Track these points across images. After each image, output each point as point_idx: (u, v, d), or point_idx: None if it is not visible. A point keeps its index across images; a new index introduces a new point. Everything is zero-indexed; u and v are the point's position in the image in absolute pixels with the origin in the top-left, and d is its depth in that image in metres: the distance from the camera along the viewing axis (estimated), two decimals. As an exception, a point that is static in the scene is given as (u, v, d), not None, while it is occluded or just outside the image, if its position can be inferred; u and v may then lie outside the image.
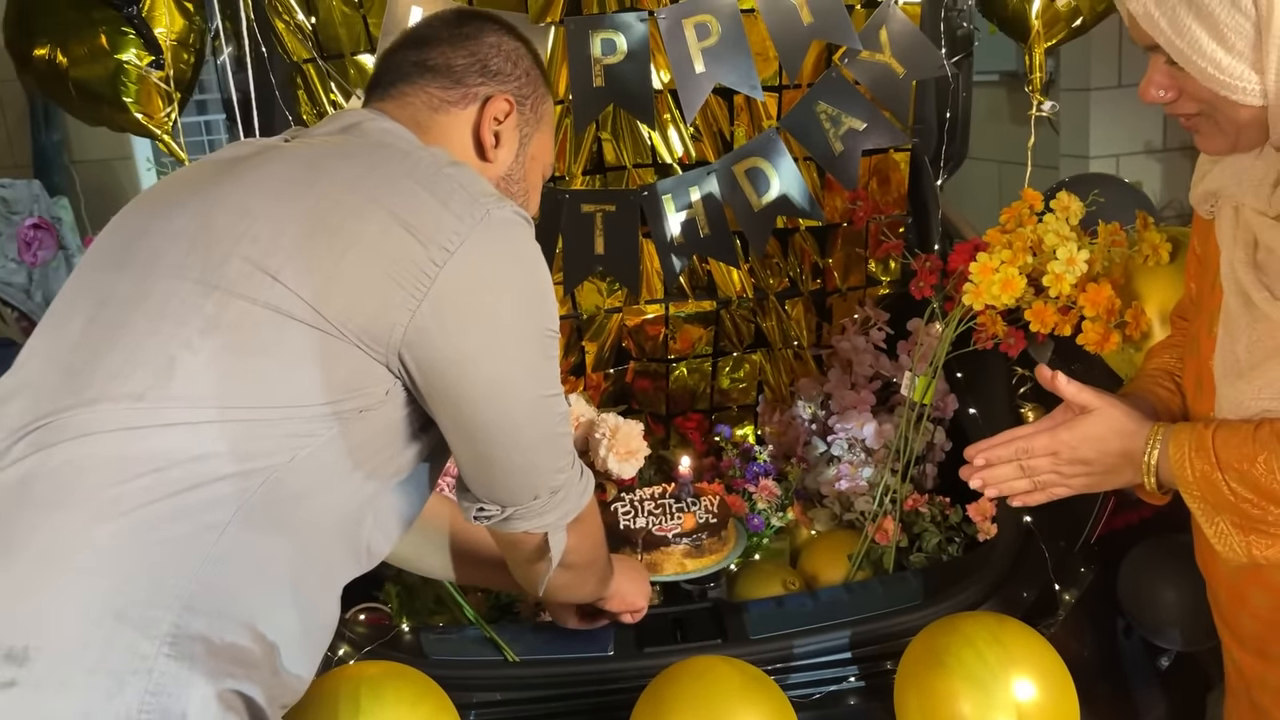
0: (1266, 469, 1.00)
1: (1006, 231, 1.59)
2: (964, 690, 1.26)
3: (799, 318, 2.08)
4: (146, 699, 0.82)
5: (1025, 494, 1.23)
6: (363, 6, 1.77)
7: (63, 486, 0.85)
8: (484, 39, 1.14)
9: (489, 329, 0.97)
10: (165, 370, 0.89)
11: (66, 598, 0.83)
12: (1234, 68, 0.96)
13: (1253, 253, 1.06)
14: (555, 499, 1.10)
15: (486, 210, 0.96)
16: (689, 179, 1.86)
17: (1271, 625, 1.13)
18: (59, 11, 1.76)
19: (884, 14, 1.78)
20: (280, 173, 0.98)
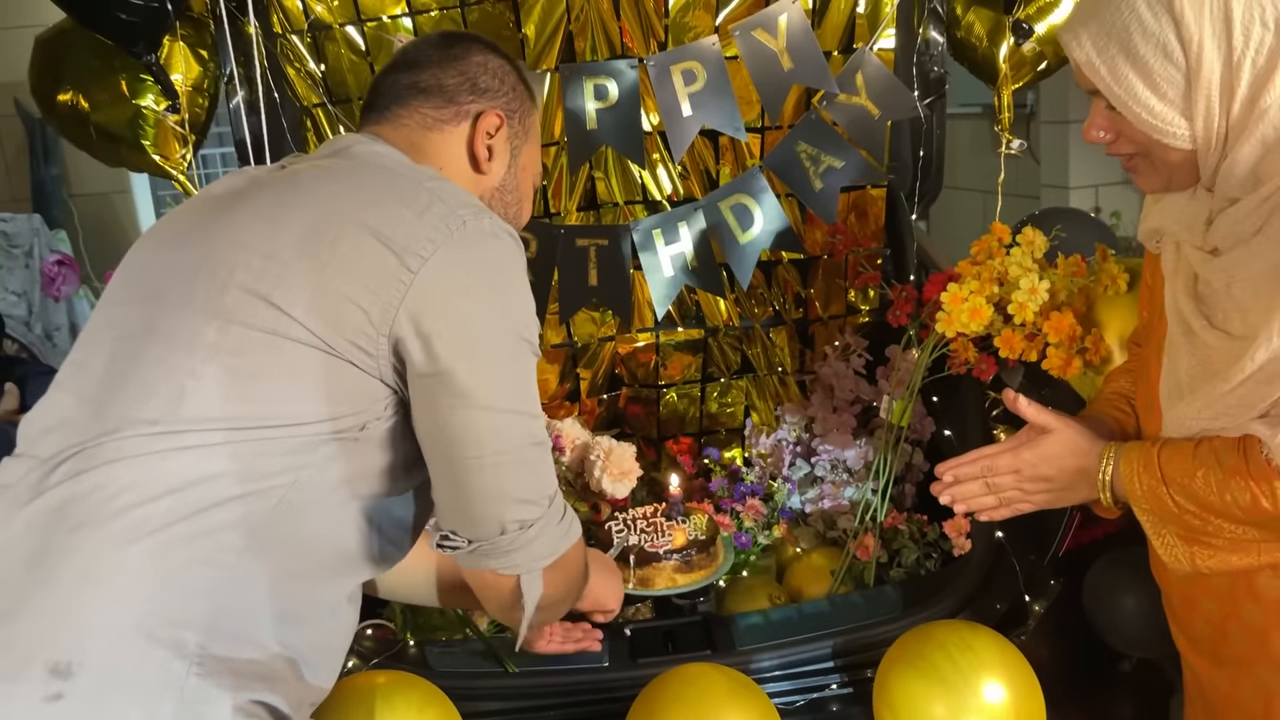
0: (1205, 483, 1.08)
1: (977, 263, 1.69)
2: (937, 693, 1.33)
3: (783, 345, 2.15)
4: (180, 713, 0.86)
5: (991, 509, 1.31)
6: (369, 54, 1.86)
7: (95, 509, 0.90)
8: (471, 58, 1.16)
9: (462, 335, 0.96)
10: (176, 397, 0.92)
11: (104, 616, 0.87)
12: (1166, 114, 1.04)
13: (1193, 285, 1.13)
14: (524, 536, 1.02)
15: (463, 220, 0.98)
16: (677, 215, 1.93)
17: (1221, 630, 1.19)
18: (83, 59, 1.86)
19: (859, 59, 1.88)
20: (269, 199, 1.01)
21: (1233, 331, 1.06)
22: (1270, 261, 1.02)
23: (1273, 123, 1.00)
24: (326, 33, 1.85)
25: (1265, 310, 1.01)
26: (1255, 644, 1.15)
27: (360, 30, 1.85)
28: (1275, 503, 1.03)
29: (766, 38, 1.80)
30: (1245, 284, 1.05)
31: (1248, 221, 1.04)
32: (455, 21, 1.85)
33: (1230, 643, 1.18)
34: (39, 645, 0.85)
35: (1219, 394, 1.06)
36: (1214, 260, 1.09)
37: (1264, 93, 1.00)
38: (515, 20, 1.85)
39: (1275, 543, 1.09)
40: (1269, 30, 0.98)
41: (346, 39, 1.86)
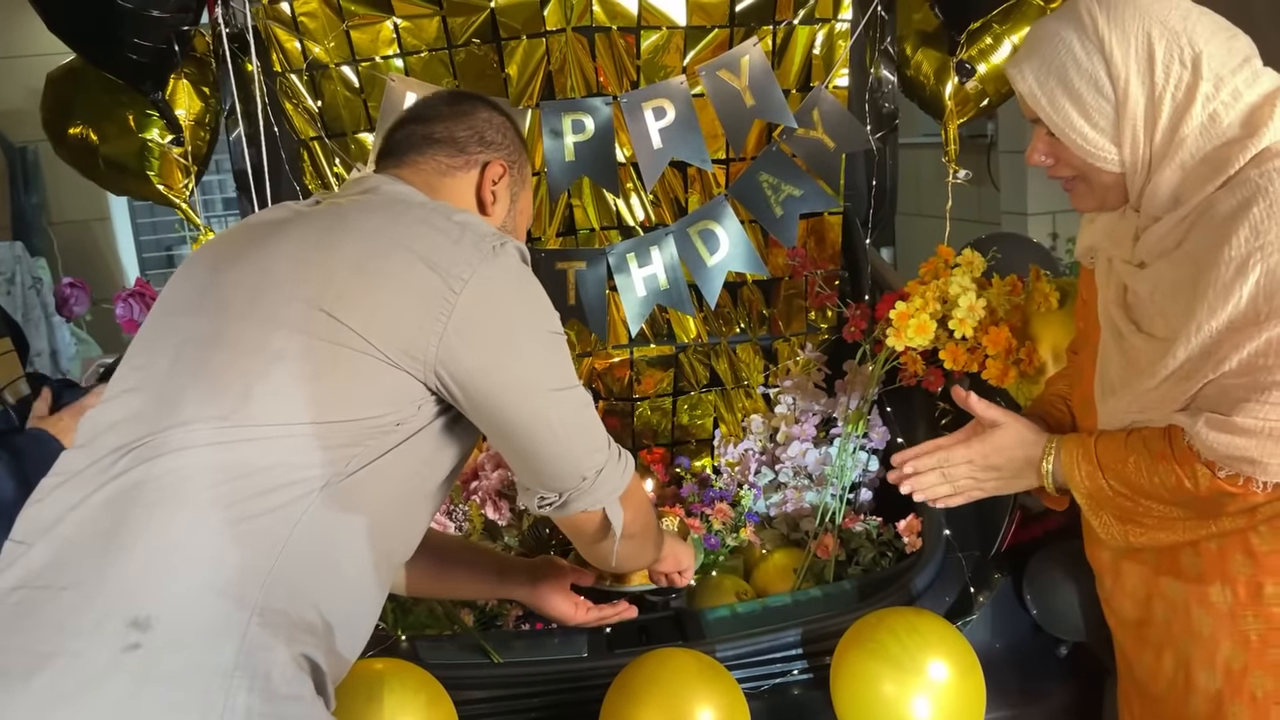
0: (1136, 468, 1.19)
1: (924, 283, 1.84)
2: (887, 672, 1.44)
3: (749, 360, 2.26)
4: (241, 658, 0.97)
5: (947, 497, 1.40)
6: (363, 91, 1.98)
7: (169, 489, 1.01)
8: (479, 114, 1.31)
9: (505, 339, 1.12)
10: (243, 396, 1.04)
11: (178, 577, 0.98)
12: (1098, 140, 1.14)
13: (1122, 295, 1.24)
14: (601, 477, 1.20)
15: (492, 246, 1.12)
16: (650, 239, 2.05)
17: (1146, 607, 1.29)
18: (93, 95, 1.97)
19: (816, 96, 2.01)
20: (319, 227, 1.14)
21: (1156, 334, 1.17)
22: (1188, 272, 1.12)
23: (1190, 150, 1.12)
24: (323, 72, 1.97)
25: (1184, 315, 1.11)
26: (1177, 618, 1.25)
27: (355, 69, 1.97)
28: (1196, 484, 1.13)
29: (730, 77, 1.94)
30: (1167, 292, 1.15)
31: (1169, 237, 1.15)
32: (444, 63, 1.98)
33: (1154, 618, 1.28)
34: (120, 603, 0.96)
35: (1145, 390, 1.17)
36: (1140, 272, 1.20)
37: (1183, 123, 1.11)
38: (499, 61, 1.98)
39: (1197, 521, 1.19)
40: (1186, 68, 1.10)
41: (342, 78, 1.98)
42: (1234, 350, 1.08)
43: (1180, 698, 1.27)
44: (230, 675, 0.97)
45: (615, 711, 1.44)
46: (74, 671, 0.94)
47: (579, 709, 1.55)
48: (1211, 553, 1.21)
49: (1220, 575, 1.20)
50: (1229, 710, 1.21)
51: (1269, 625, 1.19)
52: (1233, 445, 1.09)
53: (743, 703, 1.47)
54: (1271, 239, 1.05)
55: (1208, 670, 1.23)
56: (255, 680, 0.98)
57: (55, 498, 1.05)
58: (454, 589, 1.66)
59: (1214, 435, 1.10)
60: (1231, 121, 1.11)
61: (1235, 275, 1.07)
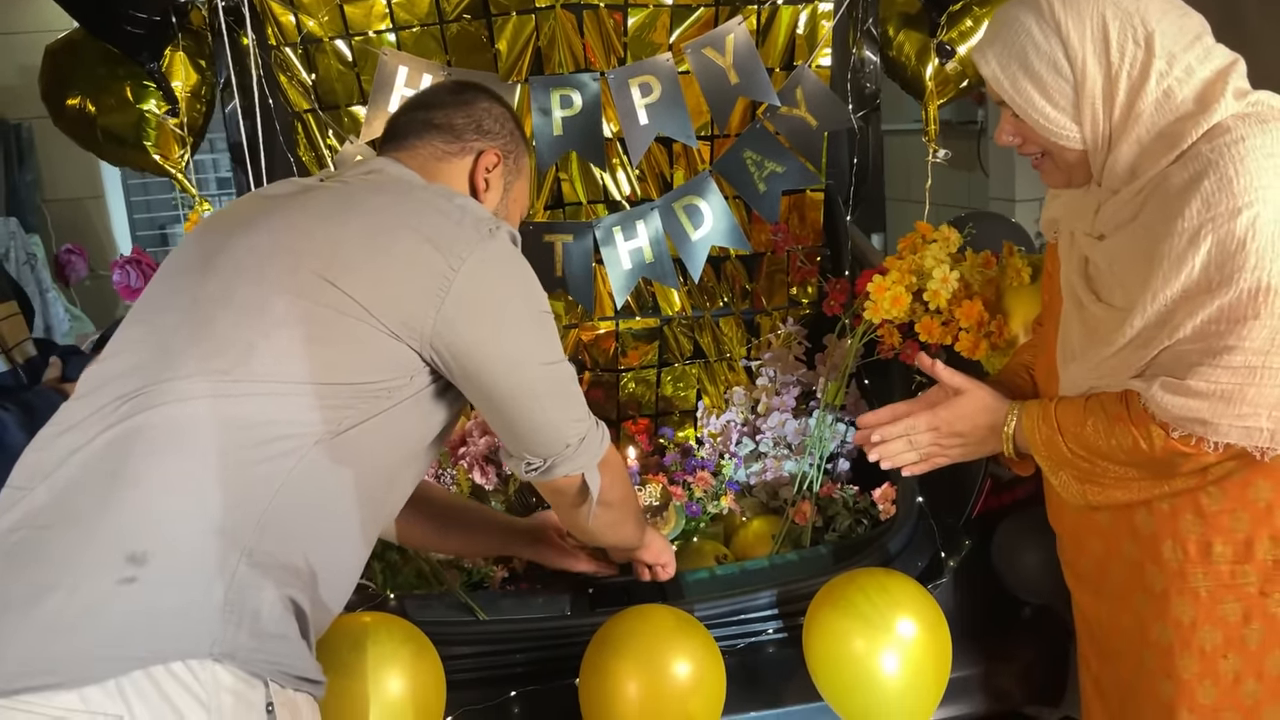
0: (1094, 430, 1.23)
1: (901, 258, 1.88)
2: (857, 629, 1.49)
3: (731, 334, 2.30)
4: (231, 595, 1.03)
5: (912, 465, 1.44)
6: (356, 65, 2.01)
7: (171, 435, 1.06)
8: (478, 104, 1.37)
9: (499, 316, 1.19)
10: (246, 353, 1.09)
11: (177, 516, 1.03)
12: (1059, 120, 1.18)
13: (1084, 266, 1.28)
14: (583, 445, 1.29)
15: (489, 229, 1.19)
16: (635, 214, 2.09)
17: (1104, 566, 1.33)
18: (91, 68, 1.99)
19: (799, 75, 2.05)
20: (328, 202, 1.21)
21: (1115, 304, 1.21)
22: (1144, 244, 1.15)
23: (1146, 125, 1.15)
24: (317, 46, 2.01)
25: (1140, 285, 1.14)
26: (1132, 576, 1.29)
27: (348, 44, 2.01)
28: (1151, 444, 1.17)
29: (715, 55, 1.98)
30: (1124, 263, 1.19)
31: (1126, 209, 1.18)
32: (436, 38, 2.01)
33: (1111, 577, 1.33)
34: (120, 538, 1.01)
35: (1104, 357, 1.21)
36: (1100, 244, 1.23)
37: (1139, 99, 1.15)
38: (489, 37, 2.01)
39: (1151, 480, 1.23)
40: (1140, 47, 1.14)
41: (335, 51, 2.02)
42: (1187, 318, 1.12)
43: (1135, 652, 1.31)
44: (221, 610, 1.02)
45: (595, 664, 1.50)
46: (73, 603, 0.98)
47: (561, 664, 1.61)
48: (1164, 512, 1.25)
49: (1172, 534, 1.25)
50: (1179, 663, 1.26)
51: (1217, 582, 1.23)
52: (1186, 407, 1.13)
53: (717, 656, 1.52)
54: (1222, 211, 1.09)
55: (1160, 625, 1.27)
56: (244, 617, 1.03)
57: (56, 445, 1.09)
58: (458, 545, 1.73)
59: (1168, 398, 1.14)
60: (1185, 97, 1.15)
61: (1188, 246, 1.10)
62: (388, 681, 1.42)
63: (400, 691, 1.42)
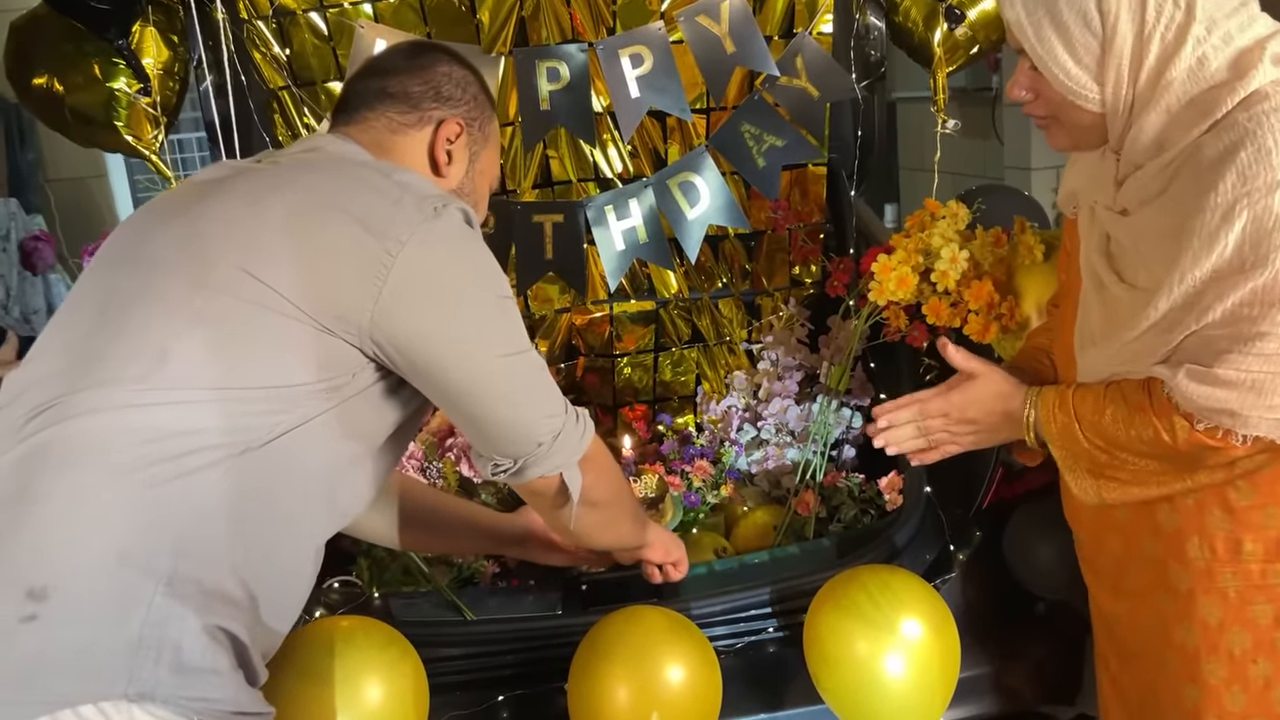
0: (1113, 420, 1.17)
1: (908, 236, 1.80)
2: (860, 630, 1.43)
3: (731, 316, 2.24)
4: (146, 630, 0.93)
5: (922, 452, 1.38)
6: (332, 39, 1.94)
7: (76, 451, 0.96)
8: (437, 68, 1.24)
9: (446, 304, 1.08)
10: (160, 357, 0.99)
11: (80, 545, 0.93)
12: (1080, 77, 1.11)
13: (1105, 244, 1.22)
14: (557, 443, 1.17)
15: (433, 208, 1.08)
16: (628, 192, 2.02)
17: (1123, 564, 1.28)
18: (56, 44, 1.92)
19: (799, 43, 1.97)
20: (254, 187, 1.10)
21: (1138, 285, 1.15)
22: (1172, 220, 1.09)
23: (1176, 94, 1.09)
24: (291, 18, 1.93)
25: (1167, 265, 1.08)
26: (1154, 574, 1.24)
27: (323, 16, 1.93)
28: (1174, 436, 1.12)
29: (710, 23, 1.89)
30: (1150, 240, 1.13)
31: (1152, 184, 1.12)
32: (414, 8, 1.93)
33: (1131, 575, 1.27)
34: (18, 572, 0.92)
35: (1126, 341, 1.15)
36: (1123, 220, 1.17)
37: (1170, 66, 1.08)
38: (470, 7, 1.93)
39: (1173, 475, 1.18)
40: (1180, 8, 1.07)
41: (310, 24, 1.94)
42: (1217, 300, 1.06)
43: (1157, 654, 1.26)
44: (135, 649, 0.93)
45: (584, 668, 1.44)
46: None
47: (552, 665, 1.55)
48: (1188, 508, 1.20)
49: (1198, 531, 1.19)
50: (1206, 667, 1.20)
51: (1247, 582, 1.18)
52: (1213, 397, 1.07)
53: (713, 660, 1.47)
54: (1259, 185, 1.02)
55: (1185, 627, 1.22)
56: (164, 653, 0.94)
57: None
58: (442, 547, 1.66)
59: (1194, 387, 1.08)
60: (1219, 65, 1.08)
61: (1221, 222, 1.04)
62: (365, 689, 1.36)
63: (379, 699, 1.36)
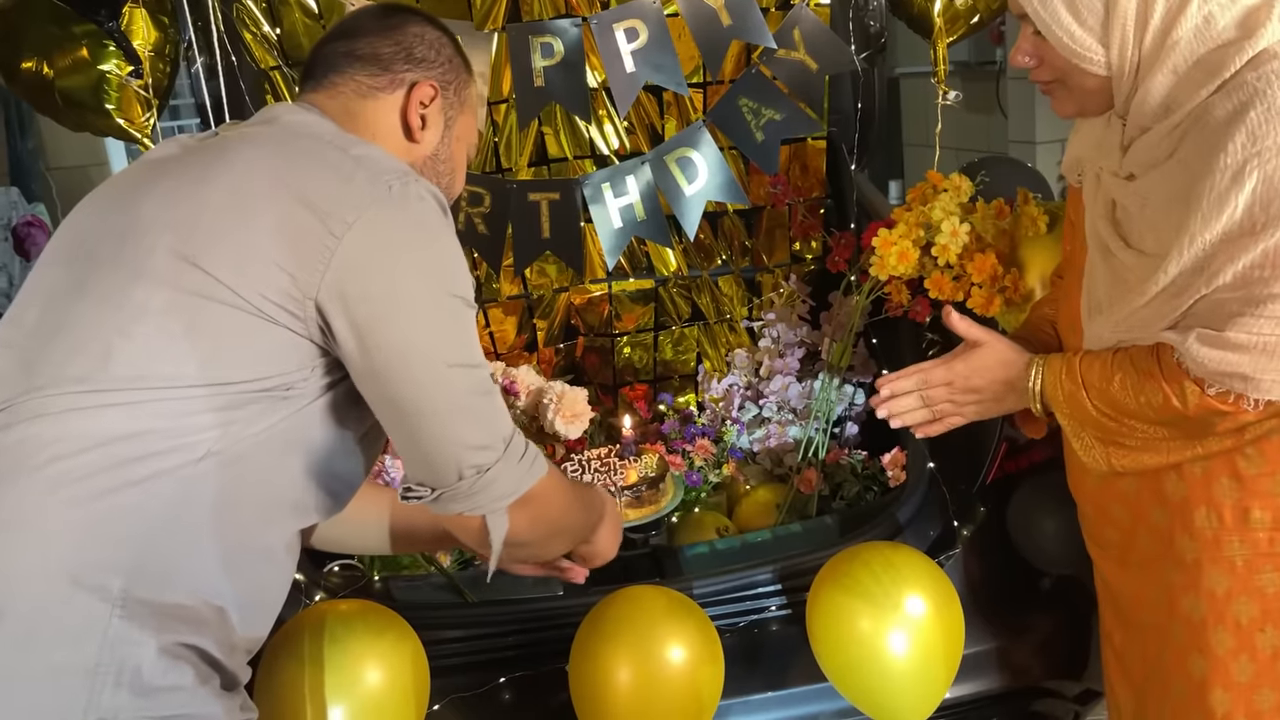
0: (1121, 387, 1.15)
1: (910, 210, 1.77)
2: (863, 608, 1.42)
3: (731, 293, 2.22)
4: (103, 654, 0.88)
5: (926, 424, 1.36)
6: (323, 18, 1.91)
7: (20, 461, 0.91)
8: (408, 29, 1.16)
9: (391, 294, 0.98)
10: (103, 355, 0.93)
11: (29, 563, 0.89)
12: (1085, 40, 1.10)
13: (1111, 210, 1.20)
14: (483, 479, 1.03)
15: (388, 185, 0.99)
16: (625, 168, 1.99)
17: (1129, 535, 1.27)
18: (44, 27, 1.88)
19: (797, 15, 1.93)
20: (196, 166, 1.02)
21: (1146, 250, 1.13)
22: (1181, 183, 1.07)
23: (1183, 54, 1.07)
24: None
25: (1175, 228, 1.07)
26: (1160, 545, 1.23)
27: (313, -7, 1.91)
28: (1185, 402, 1.10)
29: (706, -5, 1.86)
30: (1158, 205, 1.11)
31: (1160, 148, 1.10)
32: (404, -16, 1.90)
33: (1137, 546, 1.26)
34: None
35: (1134, 308, 1.13)
36: (1129, 185, 1.16)
37: (1176, 25, 1.06)
38: (463, -18, 1.90)
39: (1182, 441, 1.17)
40: None
41: (300, 3, 1.91)
42: (1228, 263, 1.04)
43: (1163, 625, 1.25)
44: (93, 673, 0.89)
45: (585, 649, 1.44)
46: None
47: (553, 646, 1.55)
48: (1196, 477, 1.18)
49: (1205, 500, 1.18)
50: (1213, 637, 1.19)
51: (1255, 550, 1.16)
52: (1225, 361, 1.06)
53: (715, 639, 1.46)
54: (1269, 144, 1.00)
55: (1191, 597, 1.20)
56: (123, 675, 0.90)
57: None
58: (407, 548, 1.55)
59: (1205, 351, 1.07)
60: (1227, 24, 1.06)
61: (1231, 183, 1.02)
62: (366, 673, 1.35)
63: (379, 683, 1.36)
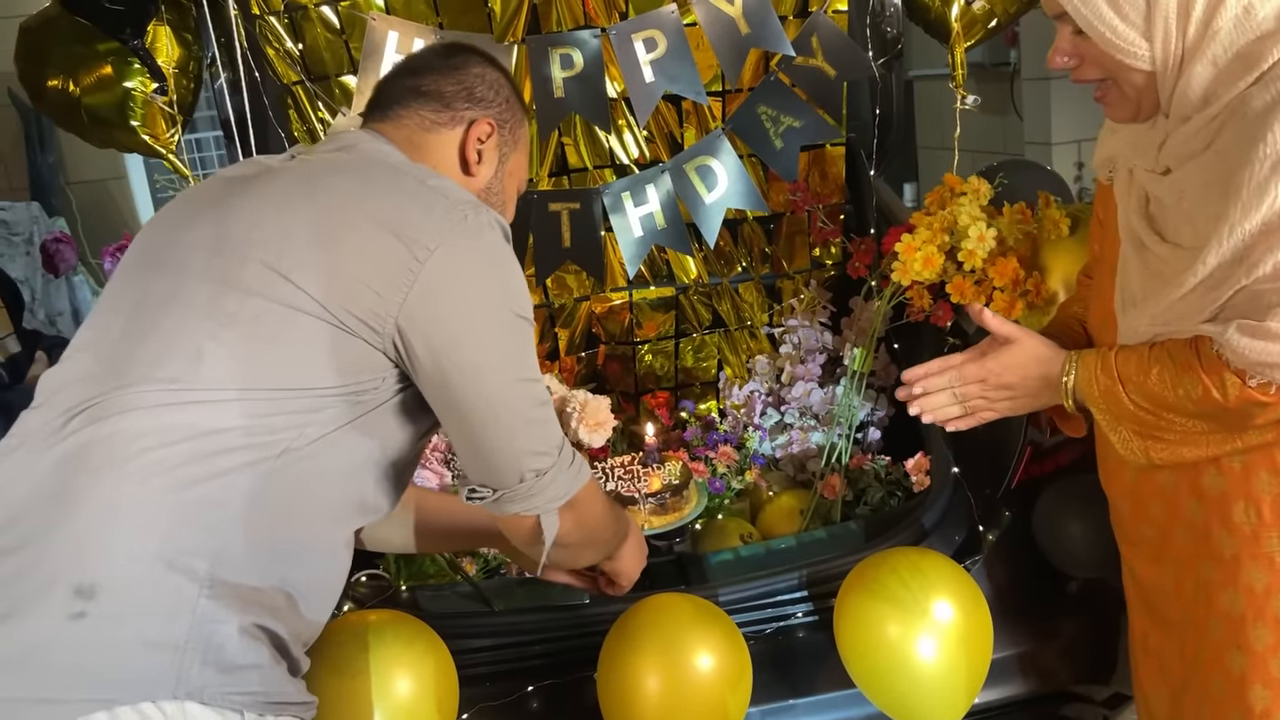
0: (1159, 380, 1.15)
1: (930, 214, 1.77)
2: (891, 614, 1.42)
3: (752, 300, 2.22)
4: (191, 631, 0.96)
5: (957, 419, 1.35)
6: (345, 33, 1.92)
7: (116, 451, 0.99)
8: (470, 69, 1.27)
9: (467, 317, 1.09)
10: (194, 358, 1.01)
11: (124, 544, 0.96)
12: (1128, 34, 1.09)
13: (1144, 205, 1.20)
14: (541, 482, 1.15)
15: (464, 215, 1.09)
16: (645, 177, 2.00)
17: (1165, 531, 1.26)
18: (69, 45, 1.91)
19: (814, 22, 1.94)
20: (284, 187, 1.11)
21: (1183, 243, 1.13)
22: (1219, 174, 1.07)
23: (1223, 44, 1.07)
24: (303, 13, 1.92)
25: (1214, 220, 1.06)
26: (1197, 540, 1.22)
27: (335, 9, 1.92)
28: (1225, 394, 1.10)
29: (723, 4, 1.86)
30: (1196, 197, 1.11)
31: (1197, 139, 1.10)
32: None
33: (1174, 543, 1.25)
34: (64, 569, 0.94)
35: (1171, 301, 1.13)
36: (1165, 179, 1.15)
37: (1217, 15, 1.06)
38: (482, -5, 1.92)
39: (1222, 434, 1.16)
40: None
41: (322, 18, 1.92)
42: (1268, 253, 1.03)
43: (1200, 623, 1.24)
44: (182, 649, 0.95)
45: (613, 658, 1.44)
46: (15, 639, 0.93)
47: (581, 654, 1.55)
48: (1235, 471, 1.18)
49: (1244, 494, 1.17)
50: (1251, 634, 1.18)
51: None
52: (1266, 351, 1.05)
53: (742, 646, 1.46)
54: None
55: (1230, 593, 1.20)
56: (209, 652, 0.96)
57: (12, 460, 1.03)
58: (449, 546, 1.64)
59: (1246, 341, 1.06)
60: (1266, 14, 1.06)
61: (1270, 173, 1.02)
62: (396, 682, 1.37)
63: (410, 692, 1.37)
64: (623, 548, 1.44)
